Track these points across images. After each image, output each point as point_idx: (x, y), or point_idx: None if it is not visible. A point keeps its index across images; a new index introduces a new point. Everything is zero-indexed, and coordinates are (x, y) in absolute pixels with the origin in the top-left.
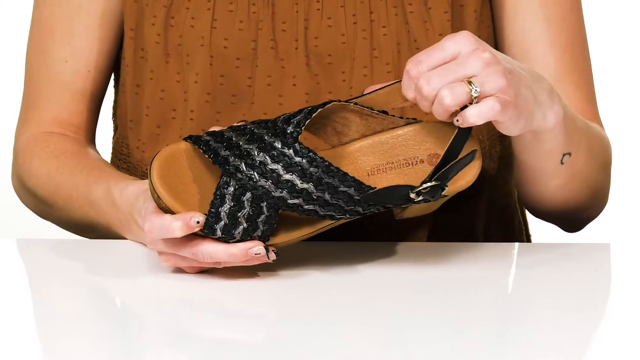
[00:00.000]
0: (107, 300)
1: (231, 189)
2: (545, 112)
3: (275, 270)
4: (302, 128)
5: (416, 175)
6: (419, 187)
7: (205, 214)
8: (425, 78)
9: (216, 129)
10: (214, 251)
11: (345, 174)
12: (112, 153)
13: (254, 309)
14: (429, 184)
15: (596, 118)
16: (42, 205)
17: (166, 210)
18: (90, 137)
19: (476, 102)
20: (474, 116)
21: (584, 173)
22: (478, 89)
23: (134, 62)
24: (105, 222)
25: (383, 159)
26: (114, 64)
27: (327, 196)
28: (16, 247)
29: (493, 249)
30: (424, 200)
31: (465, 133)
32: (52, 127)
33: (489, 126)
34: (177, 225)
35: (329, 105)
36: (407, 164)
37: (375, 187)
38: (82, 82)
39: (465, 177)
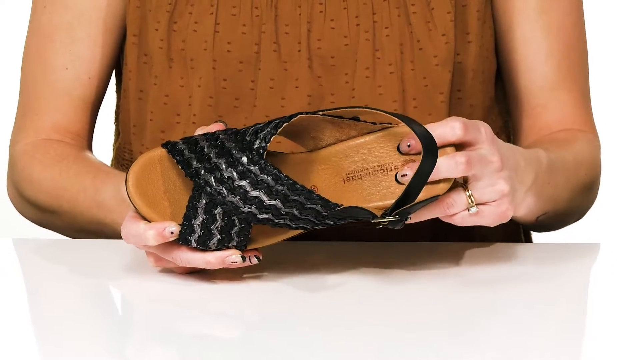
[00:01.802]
0: (100, 298)
1: (203, 201)
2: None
3: (276, 272)
4: (268, 144)
5: (389, 183)
6: (379, 218)
7: (180, 224)
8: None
9: (201, 130)
10: (191, 258)
11: (311, 191)
12: (114, 158)
13: (237, 309)
14: (388, 219)
15: (588, 124)
16: (43, 212)
17: (144, 218)
18: (88, 144)
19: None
20: (467, 222)
21: (564, 208)
22: (474, 209)
23: (137, 68)
24: (112, 221)
25: (358, 165)
26: (115, 70)
27: (295, 212)
28: (12, 247)
29: (493, 249)
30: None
31: (423, 178)
32: (50, 134)
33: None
34: (151, 234)
35: (296, 118)
36: (382, 170)
37: (342, 205)
38: (82, 88)
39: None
